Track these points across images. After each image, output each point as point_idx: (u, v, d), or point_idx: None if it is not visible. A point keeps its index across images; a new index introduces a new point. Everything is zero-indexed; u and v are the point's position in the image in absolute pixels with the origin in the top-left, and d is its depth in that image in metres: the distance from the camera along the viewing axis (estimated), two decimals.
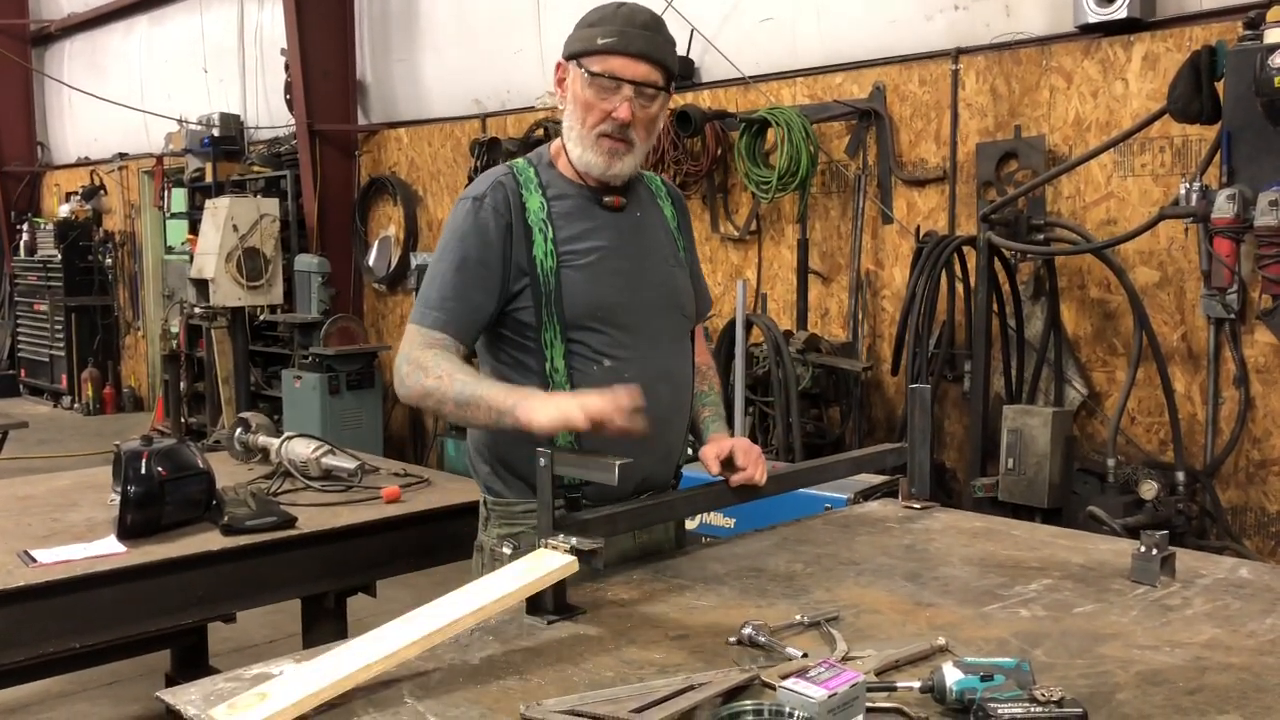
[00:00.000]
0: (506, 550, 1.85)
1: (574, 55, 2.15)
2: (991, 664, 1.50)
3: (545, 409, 1.91)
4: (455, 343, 2.13)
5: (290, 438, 3.51)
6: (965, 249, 4.87)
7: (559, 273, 2.13)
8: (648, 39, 2.12)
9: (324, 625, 3.19)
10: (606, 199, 2.23)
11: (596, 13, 2.15)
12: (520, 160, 2.27)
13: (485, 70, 7.54)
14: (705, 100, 6.07)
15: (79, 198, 11.76)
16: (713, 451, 2.24)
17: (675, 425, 2.29)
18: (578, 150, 2.18)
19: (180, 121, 9.66)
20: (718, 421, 2.39)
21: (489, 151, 7.13)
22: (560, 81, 2.21)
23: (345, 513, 3.07)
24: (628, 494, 2.17)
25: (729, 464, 2.23)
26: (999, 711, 1.35)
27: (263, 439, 3.65)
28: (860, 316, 5.51)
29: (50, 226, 11.66)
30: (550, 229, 2.16)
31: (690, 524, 2.74)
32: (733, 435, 2.36)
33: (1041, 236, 4.71)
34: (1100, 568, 2.14)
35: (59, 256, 11.36)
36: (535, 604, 1.82)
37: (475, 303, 2.13)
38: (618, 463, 1.79)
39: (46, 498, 3.25)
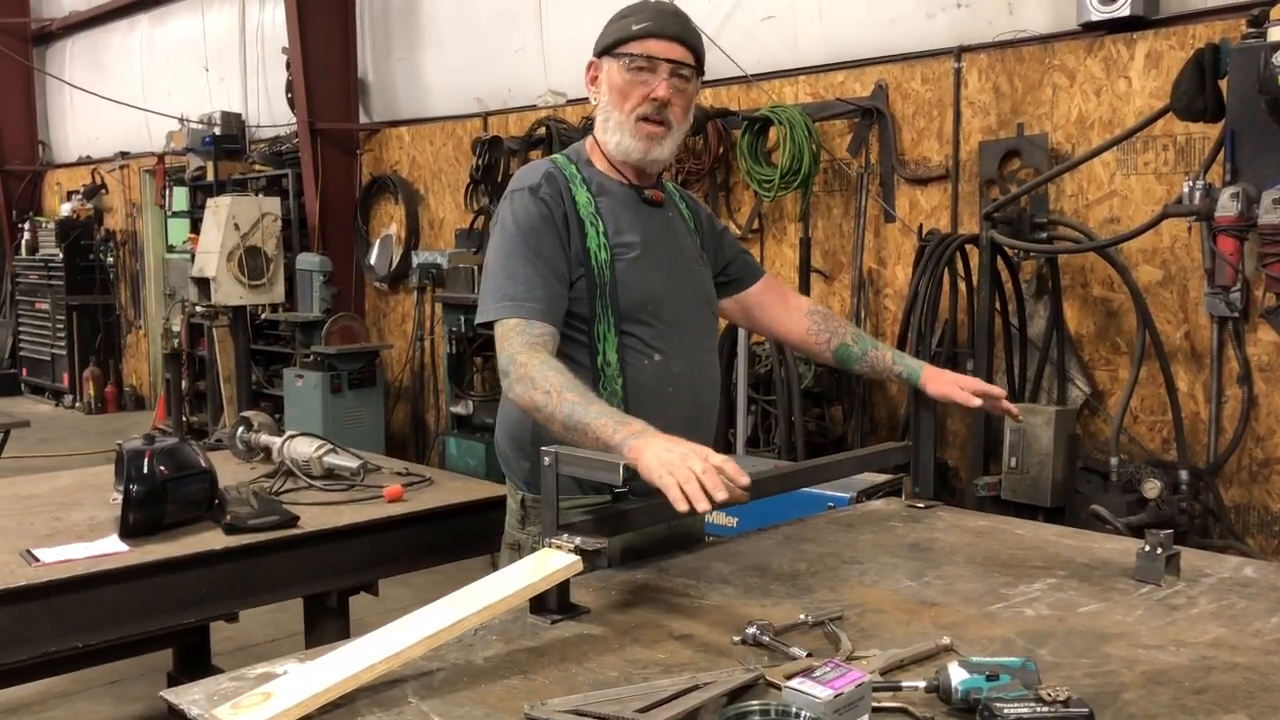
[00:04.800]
0: None
1: (608, 48, 2.22)
2: (997, 663, 1.49)
3: (650, 457, 1.78)
4: (554, 332, 2.10)
5: (292, 436, 3.50)
6: (968, 247, 4.86)
7: (613, 265, 2.16)
8: (679, 23, 2.22)
9: (326, 624, 3.19)
10: (647, 193, 2.27)
11: (624, 9, 2.24)
12: (560, 156, 2.30)
13: (487, 69, 7.54)
14: (707, 99, 6.06)
15: (80, 196, 11.75)
16: (958, 390, 2.36)
17: (711, 419, 2.35)
18: (616, 137, 2.21)
19: (182, 120, 9.66)
20: (905, 356, 2.49)
21: (491, 150, 7.13)
22: (594, 80, 2.27)
23: (347, 512, 3.06)
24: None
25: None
26: (1005, 711, 1.35)
27: (265, 438, 3.64)
28: (863, 315, 5.50)
29: (52, 225, 11.66)
30: (600, 222, 2.19)
31: None
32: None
33: (1044, 235, 4.71)
34: (1104, 566, 2.13)
35: (60, 255, 11.36)
36: (539, 603, 1.81)
37: (558, 292, 2.13)
38: (622, 463, 1.78)
39: (49, 497, 3.25)
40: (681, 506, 1.71)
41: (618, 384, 2.16)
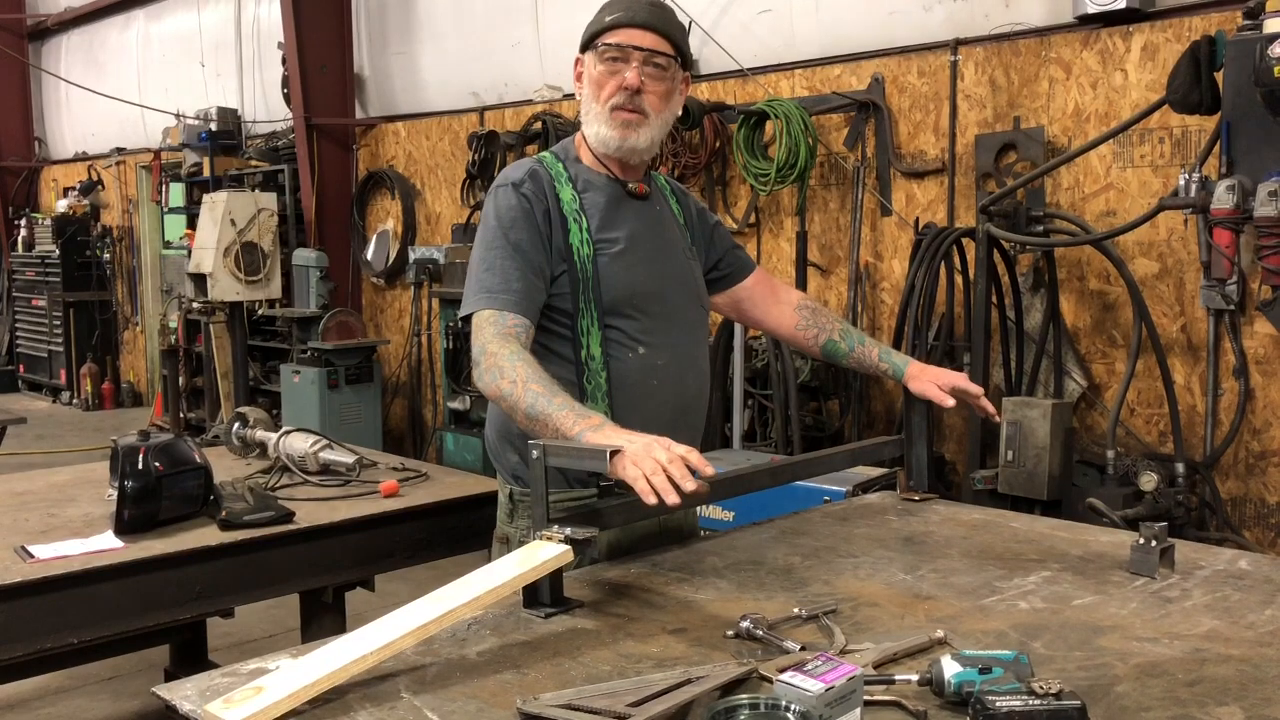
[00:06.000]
0: None
1: (586, 43, 2.24)
2: (990, 656, 1.49)
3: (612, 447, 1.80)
4: (528, 324, 2.11)
5: (288, 432, 3.50)
6: (964, 241, 4.86)
7: (595, 260, 2.17)
8: (653, 12, 2.21)
9: (323, 620, 3.19)
10: (631, 186, 2.27)
11: (605, 3, 2.25)
12: (547, 154, 2.30)
13: (483, 63, 7.52)
14: (704, 93, 6.06)
15: (77, 193, 11.74)
16: (935, 389, 2.40)
17: (699, 411, 2.35)
18: (594, 128, 2.22)
19: (178, 116, 9.65)
20: (892, 352, 2.52)
21: (487, 145, 7.12)
22: (579, 77, 2.28)
23: (343, 507, 3.06)
24: None
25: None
26: (997, 704, 1.35)
27: (260, 434, 3.64)
28: (859, 309, 5.50)
29: (48, 222, 11.64)
30: (584, 219, 2.20)
31: None
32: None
33: (1041, 228, 4.70)
34: (1099, 559, 2.13)
35: (57, 252, 11.35)
36: (532, 597, 1.81)
37: (536, 284, 2.14)
38: (610, 449, 1.78)
39: (44, 493, 3.25)
40: (650, 500, 1.72)
41: (601, 378, 2.16)
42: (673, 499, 1.72)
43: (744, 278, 2.54)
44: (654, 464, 1.74)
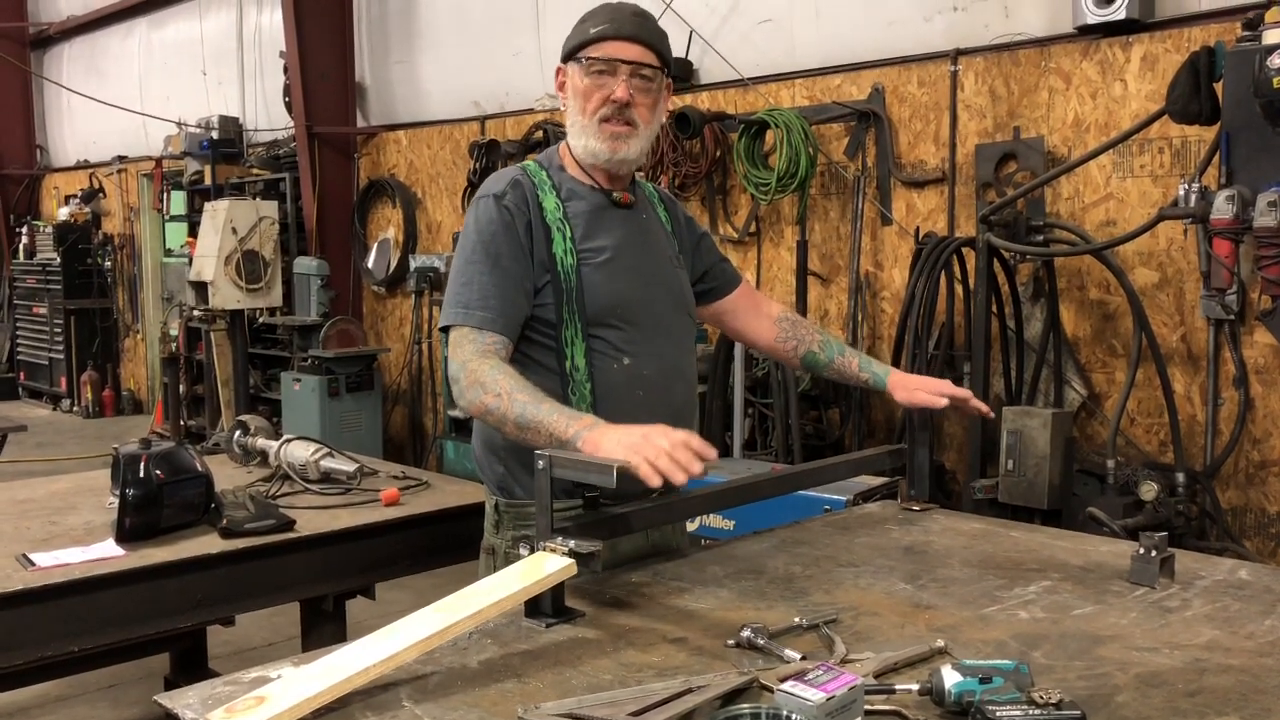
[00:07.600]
0: (524, 552, 1.83)
1: (570, 54, 2.22)
2: (990, 666, 1.49)
3: (609, 444, 1.83)
4: (506, 341, 2.11)
5: (289, 440, 3.51)
6: (964, 250, 4.87)
7: (579, 270, 2.16)
8: (638, 23, 2.20)
9: (323, 628, 3.19)
10: (616, 196, 2.27)
11: (587, 12, 2.24)
12: (531, 162, 2.29)
13: (484, 72, 7.55)
14: (704, 102, 6.07)
15: (78, 200, 11.76)
16: (924, 395, 2.37)
17: (687, 420, 2.33)
18: (581, 140, 2.21)
19: (179, 124, 9.67)
20: (873, 361, 2.51)
21: (488, 154, 7.14)
22: (561, 86, 2.27)
23: (344, 515, 3.07)
24: (641, 491, 2.17)
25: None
26: (997, 714, 1.35)
27: (261, 442, 3.64)
28: (860, 318, 5.51)
29: (49, 229, 11.66)
30: (568, 228, 2.18)
31: (690, 526, 2.75)
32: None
33: (1041, 238, 4.71)
34: (1099, 569, 2.14)
35: (58, 259, 11.37)
36: (534, 607, 1.81)
37: (515, 299, 2.13)
38: (616, 466, 1.78)
39: (45, 501, 3.25)
40: (654, 481, 1.75)
41: (586, 389, 2.15)
42: (680, 478, 1.74)
43: (730, 291, 2.53)
44: (655, 449, 1.76)
